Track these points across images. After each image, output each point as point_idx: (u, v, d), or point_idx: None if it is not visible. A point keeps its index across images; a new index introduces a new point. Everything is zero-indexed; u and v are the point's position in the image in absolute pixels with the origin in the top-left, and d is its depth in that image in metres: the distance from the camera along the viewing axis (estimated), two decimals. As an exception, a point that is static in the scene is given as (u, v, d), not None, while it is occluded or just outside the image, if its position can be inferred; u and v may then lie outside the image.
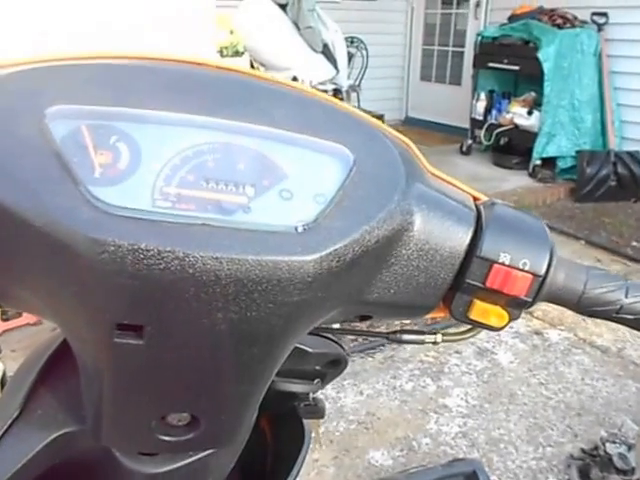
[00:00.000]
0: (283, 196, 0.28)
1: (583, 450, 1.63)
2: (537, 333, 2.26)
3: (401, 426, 1.73)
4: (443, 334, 0.39)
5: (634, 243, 3.09)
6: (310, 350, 0.41)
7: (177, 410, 0.30)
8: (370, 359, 2.06)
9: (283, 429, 0.45)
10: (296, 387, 0.42)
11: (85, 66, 0.30)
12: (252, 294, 0.26)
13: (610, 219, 3.40)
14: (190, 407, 0.30)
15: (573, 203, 3.64)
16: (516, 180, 3.89)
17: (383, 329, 0.41)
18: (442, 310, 0.35)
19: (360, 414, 1.78)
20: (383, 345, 2.09)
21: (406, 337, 0.39)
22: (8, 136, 0.26)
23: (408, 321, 1.38)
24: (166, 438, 0.31)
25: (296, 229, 0.27)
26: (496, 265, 0.31)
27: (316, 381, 0.44)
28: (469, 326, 0.36)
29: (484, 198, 0.36)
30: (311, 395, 0.45)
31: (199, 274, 0.25)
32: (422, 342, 0.39)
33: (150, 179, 0.27)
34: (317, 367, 0.43)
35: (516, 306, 0.33)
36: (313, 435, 1.60)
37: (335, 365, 0.44)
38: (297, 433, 0.44)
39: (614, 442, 1.57)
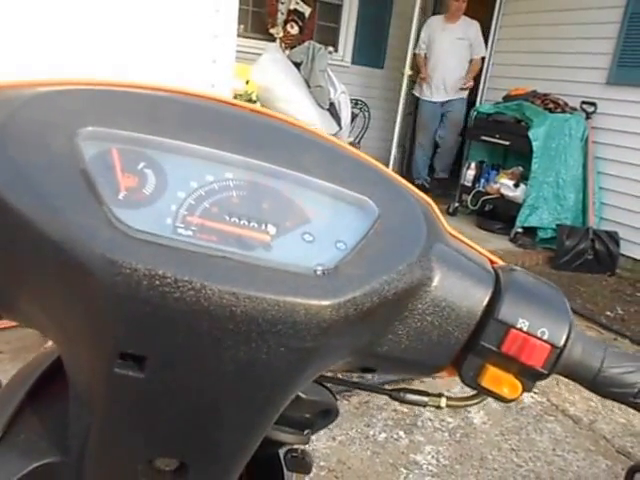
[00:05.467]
0: (305, 238, 0.28)
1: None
2: (511, 395, 2.28)
3: (371, 479, 1.73)
4: (447, 398, 0.38)
5: (608, 313, 3.17)
6: (303, 396, 0.38)
7: (167, 455, 0.29)
8: (345, 402, 2.06)
9: (262, 476, 0.43)
10: (286, 437, 0.40)
11: (122, 93, 0.30)
12: (265, 335, 0.25)
13: (585, 288, 3.51)
14: (181, 453, 0.29)
15: (550, 269, 3.76)
16: (497, 243, 4.02)
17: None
18: (450, 372, 0.34)
19: (331, 461, 1.78)
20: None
21: (409, 397, 0.38)
22: (39, 149, 0.26)
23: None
24: None
25: (315, 272, 0.27)
26: (513, 330, 0.31)
27: (306, 432, 0.41)
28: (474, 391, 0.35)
29: (500, 262, 0.36)
30: (300, 447, 0.42)
31: (214, 308, 0.24)
32: (425, 404, 0.38)
33: (173, 206, 0.26)
34: (307, 415, 0.40)
35: (530, 377, 0.32)
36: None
37: (325, 415, 0.41)
38: None
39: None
